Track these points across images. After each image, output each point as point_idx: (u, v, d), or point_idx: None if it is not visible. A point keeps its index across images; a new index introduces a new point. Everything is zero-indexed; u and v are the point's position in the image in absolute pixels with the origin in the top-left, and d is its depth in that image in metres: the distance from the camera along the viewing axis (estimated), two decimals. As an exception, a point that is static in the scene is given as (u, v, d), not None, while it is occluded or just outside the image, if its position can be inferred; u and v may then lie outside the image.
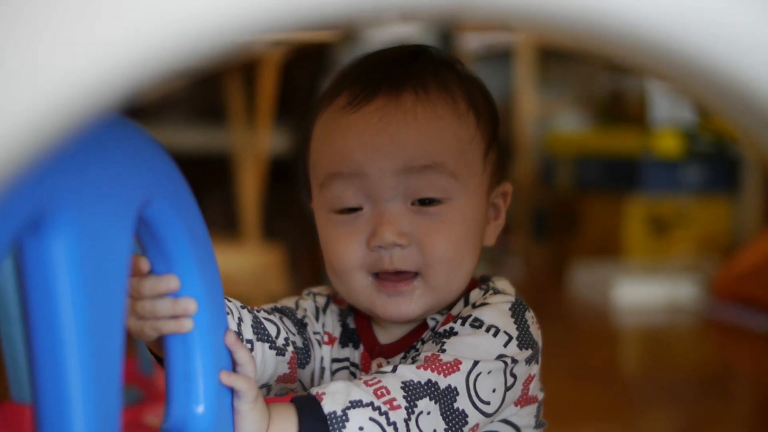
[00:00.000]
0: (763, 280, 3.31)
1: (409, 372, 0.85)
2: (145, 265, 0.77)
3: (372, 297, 0.94)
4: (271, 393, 0.96)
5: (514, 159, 4.57)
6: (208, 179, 4.38)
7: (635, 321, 3.46)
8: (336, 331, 1.01)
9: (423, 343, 0.95)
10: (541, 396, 0.96)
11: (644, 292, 3.63)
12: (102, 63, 0.48)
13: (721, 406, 2.39)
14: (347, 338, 1.00)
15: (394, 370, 0.85)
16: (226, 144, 4.06)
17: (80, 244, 0.62)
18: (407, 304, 0.93)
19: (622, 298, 3.61)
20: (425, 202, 0.92)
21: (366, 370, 0.98)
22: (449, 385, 0.85)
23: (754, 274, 3.35)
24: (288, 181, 3.97)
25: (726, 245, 4.12)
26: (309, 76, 4.09)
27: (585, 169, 4.40)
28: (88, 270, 0.63)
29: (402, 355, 0.96)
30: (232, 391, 0.80)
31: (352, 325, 1.01)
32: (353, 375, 0.99)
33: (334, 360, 1.00)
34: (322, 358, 1.00)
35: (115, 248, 0.66)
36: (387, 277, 0.93)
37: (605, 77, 4.67)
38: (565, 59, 4.84)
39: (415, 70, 0.95)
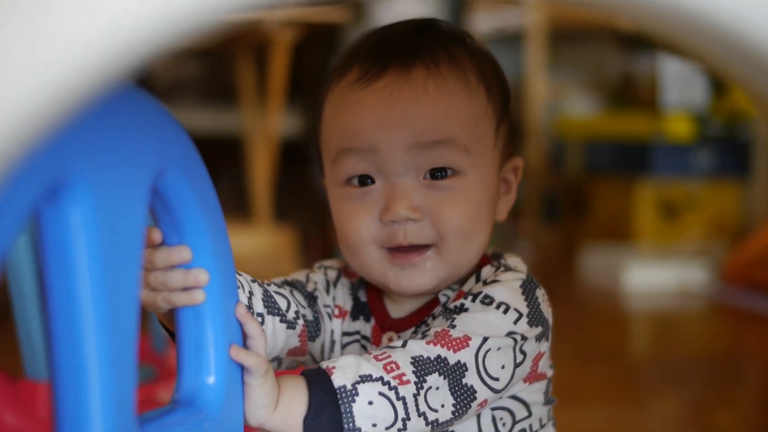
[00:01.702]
0: (773, 264, 3.31)
1: (419, 347, 0.85)
2: (157, 236, 0.78)
3: (385, 270, 0.94)
4: (282, 366, 0.97)
5: (525, 142, 4.56)
6: (220, 161, 4.38)
7: (645, 305, 3.46)
8: (347, 304, 1.01)
9: (434, 318, 0.95)
10: (550, 373, 0.96)
11: (654, 276, 3.62)
12: (115, 29, 0.48)
13: (729, 390, 2.39)
14: (358, 311, 1.01)
15: (404, 345, 0.85)
16: (237, 126, 4.06)
17: (97, 212, 0.63)
18: (419, 276, 0.93)
19: (632, 282, 3.61)
20: (437, 176, 0.92)
21: (377, 343, 0.98)
22: (458, 361, 0.85)
23: (764, 258, 3.34)
24: (299, 162, 3.97)
25: (736, 230, 4.11)
26: (320, 58, 4.09)
27: (595, 152, 4.39)
28: (105, 238, 0.64)
29: (413, 329, 0.96)
30: (242, 365, 0.81)
31: (363, 298, 1.01)
32: (364, 348, 0.99)
33: (345, 333, 1.00)
34: (332, 331, 1.00)
35: (130, 217, 0.66)
36: (399, 249, 0.93)
37: (616, 60, 4.66)
38: (576, 42, 4.83)
39: (426, 44, 0.95)
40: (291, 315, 0.94)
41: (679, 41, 0.61)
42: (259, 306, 0.89)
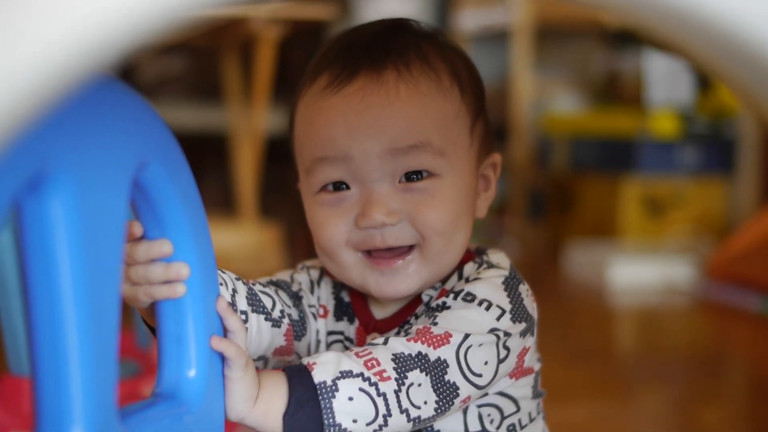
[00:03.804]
0: (757, 261, 3.31)
1: (400, 344, 0.85)
2: (138, 230, 0.78)
3: (364, 274, 0.94)
4: (269, 366, 0.96)
5: (511, 140, 4.57)
6: (205, 158, 4.38)
7: (630, 301, 3.47)
8: (330, 303, 1.01)
9: (417, 317, 0.95)
10: (537, 366, 0.96)
11: (639, 272, 3.63)
12: (94, 21, 0.48)
13: (714, 386, 2.39)
14: (342, 312, 1.00)
15: (386, 342, 0.85)
16: (223, 123, 4.06)
17: (78, 205, 0.63)
18: (402, 281, 0.93)
19: (617, 279, 3.61)
20: (412, 178, 0.92)
21: (361, 345, 0.98)
22: (439, 358, 0.85)
23: (749, 255, 3.35)
24: (284, 158, 3.97)
25: (721, 226, 4.12)
26: (306, 55, 4.08)
27: (581, 150, 4.40)
28: (86, 231, 0.64)
29: (396, 330, 0.96)
30: (223, 358, 0.81)
31: (346, 299, 1.01)
32: (347, 349, 0.99)
33: (330, 332, 1.00)
34: (317, 331, 1.00)
35: (111, 210, 0.66)
36: (380, 254, 0.93)
37: (602, 58, 4.67)
38: (561, 40, 4.84)
39: (396, 45, 0.94)
40: (276, 314, 0.93)
41: (665, 37, 0.61)
42: (243, 304, 0.89)
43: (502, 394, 0.93)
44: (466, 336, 0.87)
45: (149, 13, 0.49)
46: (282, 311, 0.94)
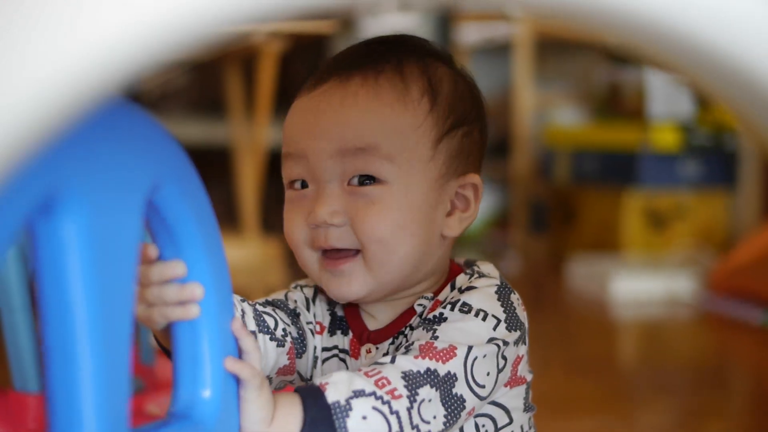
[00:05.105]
0: (760, 273, 3.31)
1: (407, 362, 0.86)
2: (153, 251, 0.78)
3: (320, 273, 0.96)
4: (271, 386, 0.97)
5: (513, 152, 4.57)
6: (208, 172, 4.37)
7: (633, 314, 3.46)
8: (325, 320, 1.02)
9: (411, 329, 0.96)
10: (529, 377, 0.97)
11: (642, 285, 3.63)
12: (106, 44, 0.48)
13: (717, 399, 2.39)
14: (335, 326, 1.01)
15: (393, 360, 0.86)
16: (225, 137, 4.06)
17: (91, 226, 0.63)
18: (346, 284, 0.94)
19: (619, 292, 3.61)
20: (365, 183, 0.93)
21: (355, 356, 0.99)
22: (449, 372, 0.86)
23: (751, 268, 3.35)
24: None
25: (723, 239, 4.12)
26: (308, 69, 4.08)
27: (583, 162, 4.40)
28: (99, 252, 0.64)
29: (390, 340, 0.97)
30: (238, 378, 0.81)
31: (340, 312, 1.02)
32: (343, 362, 1.00)
33: (324, 349, 1.01)
34: (315, 347, 1.01)
35: (125, 231, 0.67)
36: (330, 255, 0.95)
37: (603, 71, 4.67)
38: (563, 53, 4.84)
39: (376, 56, 0.96)
40: (279, 333, 0.95)
41: (663, 61, 0.61)
42: (251, 324, 0.91)
43: (495, 403, 0.94)
44: (470, 348, 0.88)
45: (163, 34, 0.50)
46: (284, 330, 0.96)
